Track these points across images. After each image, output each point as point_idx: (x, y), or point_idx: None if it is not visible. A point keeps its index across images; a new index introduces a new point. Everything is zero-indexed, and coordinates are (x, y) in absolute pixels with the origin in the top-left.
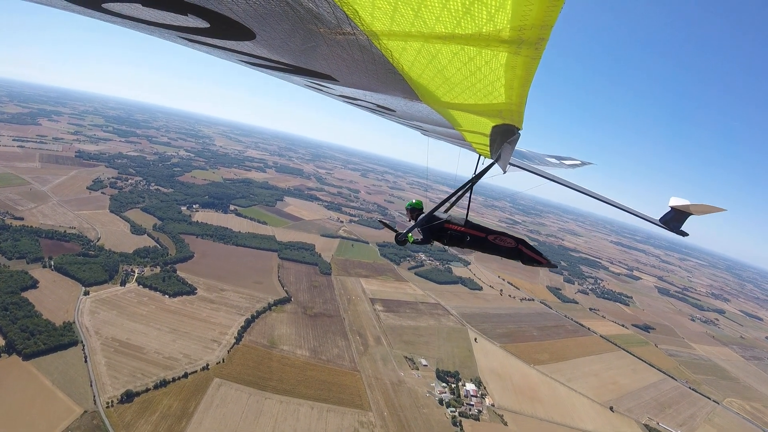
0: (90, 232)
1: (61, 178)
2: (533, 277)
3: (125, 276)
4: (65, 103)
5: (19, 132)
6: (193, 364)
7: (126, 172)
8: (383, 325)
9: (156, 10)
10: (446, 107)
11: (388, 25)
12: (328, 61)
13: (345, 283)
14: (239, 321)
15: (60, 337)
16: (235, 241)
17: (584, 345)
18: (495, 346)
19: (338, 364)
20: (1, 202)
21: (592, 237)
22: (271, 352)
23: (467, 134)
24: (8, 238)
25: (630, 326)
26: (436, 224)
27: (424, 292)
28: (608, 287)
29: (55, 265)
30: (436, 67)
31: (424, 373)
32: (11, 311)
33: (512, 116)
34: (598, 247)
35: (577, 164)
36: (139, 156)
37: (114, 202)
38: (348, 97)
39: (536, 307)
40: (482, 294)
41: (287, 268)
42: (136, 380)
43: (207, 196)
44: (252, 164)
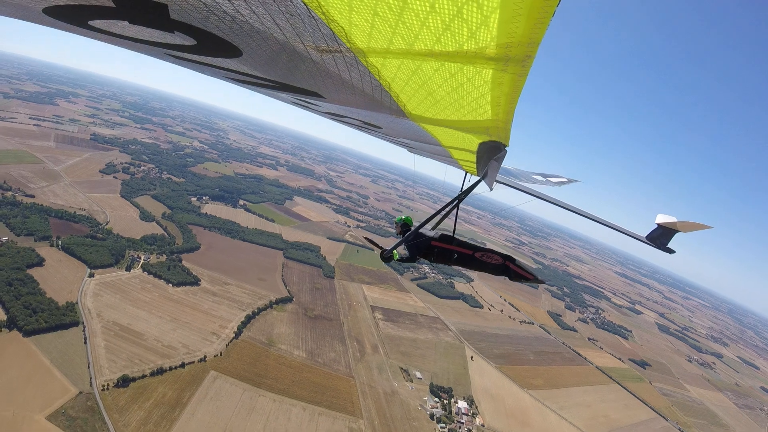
0: (99, 215)
1: (74, 159)
2: (535, 300)
3: (131, 261)
4: (83, 85)
5: (36, 111)
6: (190, 354)
7: (139, 159)
8: (382, 333)
9: (143, 27)
10: (433, 123)
11: (375, 43)
12: (315, 79)
13: (347, 288)
14: (240, 316)
15: (62, 317)
16: (242, 236)
17: (579, 374)
18: (491, 366)
19: (334, 368)
20: (14, 179)
21: (598, 266)
22: (268, 350)
23: (454, 151)
24: (18, 214)
25: (627, 360)
26: (422, 242)
27: (424, 305)
28: (609, 318)
29: (63, 245)
30: (424, 86)
31: (417, 386)
32: (15, 287)
33: (499, 133)
34: (603, 276)
35: (563, 182)
36: (154, 143)
37: (125, 188)
38: (334, 114)
39: (535, 331)
40: (482, 312)
41: (291, 268)
42: (134, 366)
43: (218, 188)
44: (264, 161)
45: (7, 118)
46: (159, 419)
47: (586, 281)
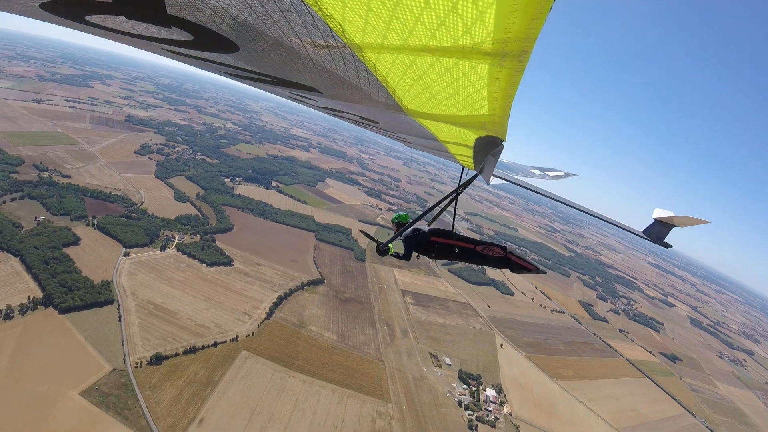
0: (134, 195)
1: (109, 140)
2: (567, 289)
3: (165, 241)
4: (117, 67)
5: (72, 93)
6: (223, 334)
7: (173, 140)
8: (412, 318)
9: (140, 22)
10: (429, 119)
11: (370, 38)
12: (312, 74)
13: (378, 271)
14: (272, 297)
15: (97, 295)
16: (275, 218)
17: (609, 367)
18: (520, 355)
19: (364, 351)
20: (50, 160)
21: (631, 255)
22: (299, 331)
23: (451, 146)
24: (54, 194)
25: (657, 354)
26: (421, 237)
27: (455, 290)
28: (641, 310)
29: (98, 224)
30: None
31: (446, 372)
32: (52, 265)
33: (495, 128)
34: (636, 266)
35: (561, 175)
36: (187, 125)
37: (160, 168)
38: (331, 109)
39: (566, 320)
40: (513, 299)
41: (323, 250)
42: (167, 344)
43: (250, 170)
44: (296, 143)
45: (43, 100)
46: (191, 397)
47: (618, 271)
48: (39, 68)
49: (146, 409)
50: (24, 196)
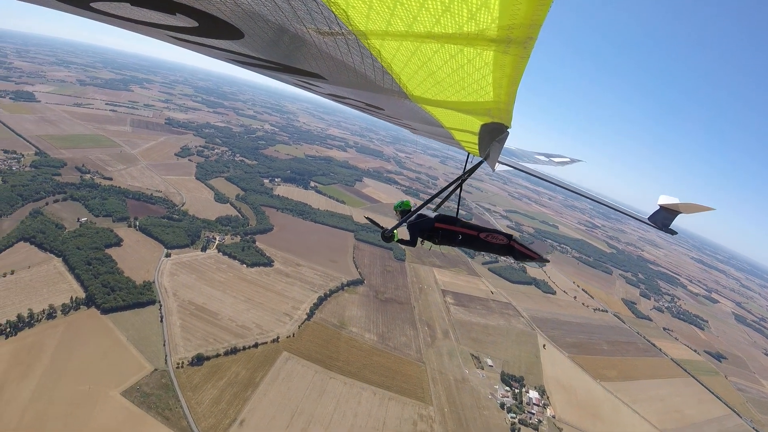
0: (175, 196)
1: (150, 143)
2: (609, 287)
3: (206, 242)
4: (156, 72)
5: (112, 97)
6: (264, 335)
7: (213, 142)
8: (452, 318)
9: (145, 9)
10: (434, 105)
11: (379, 26)
12: (317, 60)
13: (418, 271)
14: (312, 297)
15: (139, 295)
16: (314, 218)
17: (654, 367)
18: (563, 356)
19: (404, 353)
20: (92, 162)
21: (673, 250)
22: (340, 332)
23: (456, 133)
24: (97, 196)
25: (702, 352)
26: (425, 223)
27: (496, 290)
28: (684, 307)
29: (140, 225)
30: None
31: (488, 374)
32: (94, 266)
33: (501, 115)
34: (678, 262)
35: (566, 162)
36: (226, 127)
37: (200, 170)
38: (337, 96)
39: (609, 319)
40: (555, 298)
41: (362, 250)
42: (208, 344)
43: (289, 170)
44: (333, 143)
45: (84, 104)
46: (231, 398)
47: (661, 267)
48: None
49: (187, 410)
50: (67, 197)
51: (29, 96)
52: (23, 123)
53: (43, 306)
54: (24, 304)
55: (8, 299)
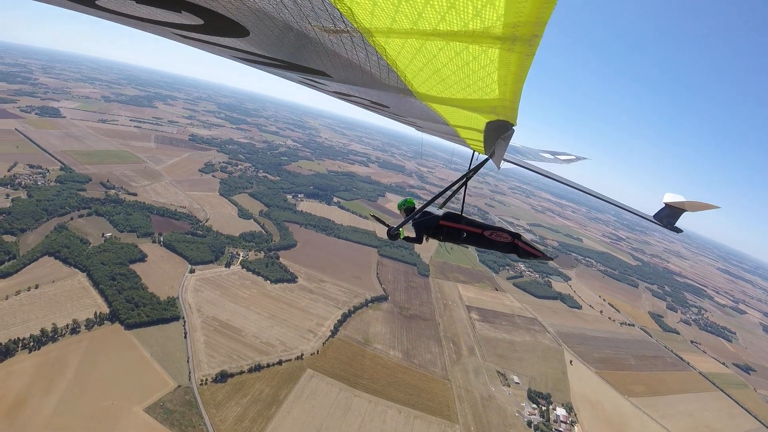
0: (199, 212)
1: (174, 159)
2: (635, 300)
3: (230, 258)
4: (180, 88)
5: (136, 113)
6: (288, 352)
7: (236, 158)
8: (478, 335)
9: (150, 7)
10: (439, 102)
11: (379, 22)
12: (322, 58)
13: (442, 286)
14: (336, 314)
15: (163, 311)
16: (337, 234)
17: (682, 381)
18: (590, 371)
19: (430, 370)
20: (117, 178)
21: (699, 261)
22: (364, 349)
23: (461, 130)
24: (121, 212)
25: (730, 365)
26: (430, 220)
27: (521, 305)
28: (712, 319)
29: (164, 241)
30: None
31: (515, 391)
32: (118, 282)
33: (506, 112)
34: (704, 273)
35: (572, 159)
36: (249, 143)
37: (223, 186)
38: (342, 94)
39: (636, 333)
40: (581, 313)
41: (386, 266)
42: (232, 361)
43: (312, 186)
44: (355, 158)
45: (109, 120)
46: (255, 416)
47: (687, 279)
48: (104, 89)
49: (211, 427)
50: (91, 213)
51: (55, 112)
52: (49, 138)
53: (67, 321)
54: (48, 318)
55: (32, 313)
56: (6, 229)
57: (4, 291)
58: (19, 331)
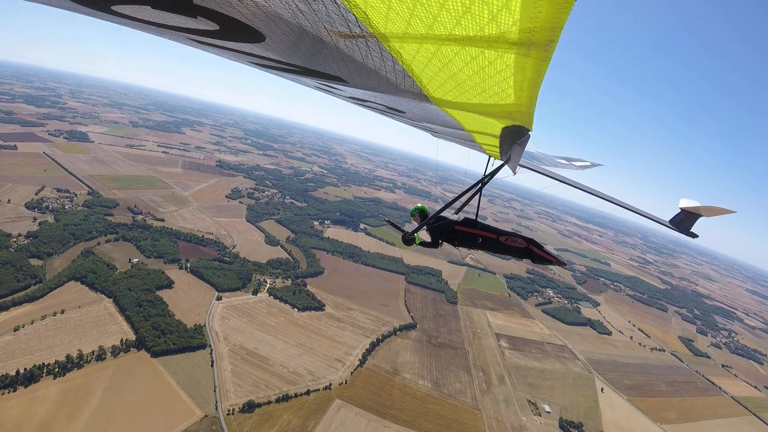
0: (226, 239)
1: (201, 184)
2: (665, 324)
3: (257, 285)
4: (207, 114)
5: (164, 139)
6: (316, 381)
7: (263, 184)
8: (507, 363)
9: (166, 12)
10: (455, 108)
11: (399, 28)
12: (338, 63)
13: (470, 314)
14: (364, 343)
15: (189, 339)
16: (364, 261)
17: (714, 406)
18: (622, 399)
19: (460, 399)
20: (144, 203)
21: (727, 283)
22: (393, 378)
23: (477, 135)
24: (148, 237)
25: (762, 388)
26: (445, 225)
27: (550, 332)
28: (742, 342)
29: (191, 267)
30: (444, 69)
31: (546, 421)
32: (145, 308)
33: (522, 117)
34: (733, 295)
35: (587, 165)
36: (276, 169)
37: (250, 212)
38: (358, 99)
39: (667, 358)
40: (611, 339)
41: (413, 293)
42: (259, 391)
43: (338, 212)
44: (381, 184)
45: (136, 145)
46: None
47: (717, 301)
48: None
49: None
50: (118, 238)
51: (83, 136)
52: (77, 163)
53: (93, 347)
54: (73, 344)
55: (58, 338)
56: (33, 253)
57: (29, 315)
58: (44, 356)
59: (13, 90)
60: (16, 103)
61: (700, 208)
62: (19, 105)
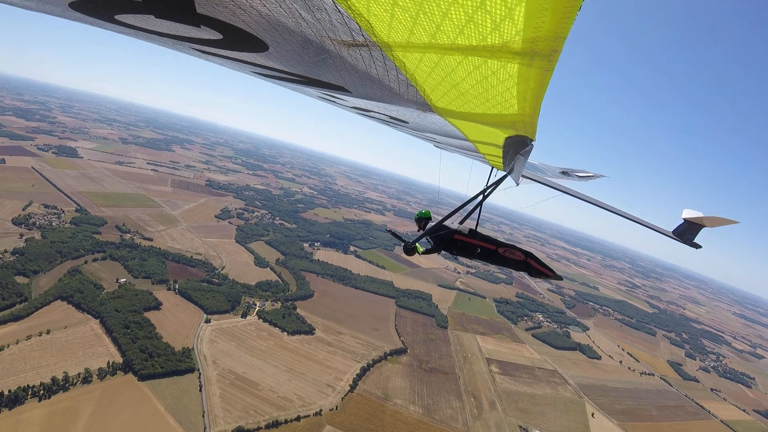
0: (215, 259)
1: (191, 204)
2: (654, 348)
3: (246, 308)
4: (197, 132)
5: (154, 156)
6: (306, 407)
7: (252, 204)
8: (498, 388)
9: (169, 21)
10: (458, 117)
11: (402, 37)
12: (341, 73)
13: (461, 338)
14: (355, 368)
15: (177, 362)
16: (354, 284)
17: (704, 430)
18: (612, 424)
19: (451, 426)
20: (133, 222)
21: (715, 307)
22: (384, 404)
23: (480, 146)
24: (136, 256)
25: (751, 411)
26: (446, 234)
27: (541, 357)
28: (730, 365)
29: (180, 289)
30: (447, 78)
31: None
32: (132, 330)
33: (525, 127)
34: (721, 318)
35: (589, 176)
36: (266, 189)
37: (240, 233)
38: (361, 109)
39: (656, 383)
40: (601, 364)
41: (404, 317)
42: (249, 417)
43: (328, 234)
44: (371, 206)
45: (126, 162)
46: None
47: (704, 325)
48: (122, 131)
49: None
50: (106, 257)
51: (72, 151)
52: (65, 178)
53: (79, 369)
54: (59, 366)
55: (43, 360)
56: (19, 270)
57: (15, 335)
58: (30, 378)
59: (3, 102)
60: (6, 116)
61: (703, 219)
62: (9, 118)
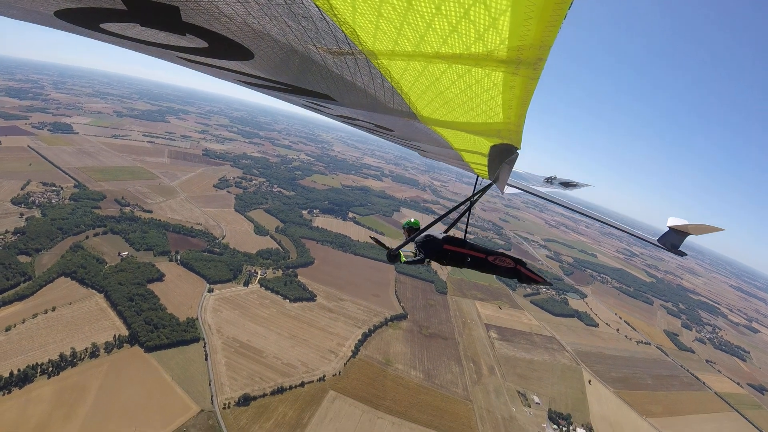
0: (216, 229)
1: (188, 174)
2: (651, 318)
3: (248, 276)
4: (192, 102)
5: (149, 128)
6: (310, 373)
7: (250, 173)
8: (497, 354)
9: (154, 30)
10: (443, 126)
11: (386, 46)
12: (327, 81)
13: (460, 304)
14: (356, 334)
15: (183, 333)
16: (354, 250)
17: (698, 401)
18: (609, 391)
19: (451, 390)
20: (132, 195)
21: (712, 278)
22: (385, 369)
23: (465, 154)
24: (137, 229)
25: (745, 385)
26: (435, 243)
27: (539, 323)
28: (726, 338)
29: (182, 259)
30: (432, 87)
31: (536, 411)
32: (137, 302)
33: (511, 136)
34: (718, 290)
35: (574, 185)
36: (263, 157)
37: (239, 202)
38: (346, 117)
39: (652, 352)
40: (598, 331)
41: (404, 283)
42: (254, 384)
43: (327, 201)
44: (369, 172)
45: (122, 135)
46: None
47: (701, 296)
48: (116, 104)
49: None
50: (107, 231)
51: (67, 128)
52: (62, 155)
53: (86, 344)
54: (66, 342)
55: (50, 337)
56: (21, 250)
57: (21, 314)
58: (38, 356)
59: None
60: None
61: (688, 227)
62: (2, 98)
